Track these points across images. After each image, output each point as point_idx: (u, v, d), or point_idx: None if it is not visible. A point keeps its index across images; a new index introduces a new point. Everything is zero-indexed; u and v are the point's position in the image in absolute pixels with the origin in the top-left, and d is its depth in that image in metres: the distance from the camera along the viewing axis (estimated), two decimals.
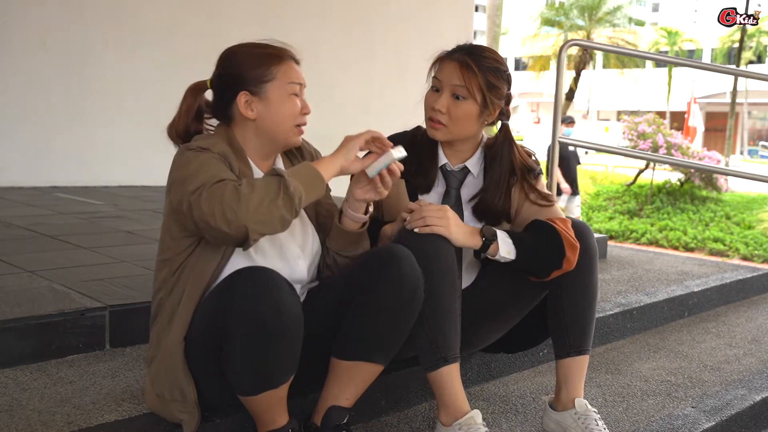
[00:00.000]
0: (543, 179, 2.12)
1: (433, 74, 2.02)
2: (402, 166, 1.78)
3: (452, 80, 1.97)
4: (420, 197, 2.06)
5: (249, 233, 1.53)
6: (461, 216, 2.01)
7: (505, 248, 1.89)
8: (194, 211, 1.55)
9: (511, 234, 1.93)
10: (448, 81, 1.97)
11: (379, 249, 1.76)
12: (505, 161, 2.04)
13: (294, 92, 1.76)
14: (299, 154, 1.93)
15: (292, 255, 1.77)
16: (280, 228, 1.58)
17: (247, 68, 1.74)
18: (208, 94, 1.85)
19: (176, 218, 1.67)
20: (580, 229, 1.99)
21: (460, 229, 1.86)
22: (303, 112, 1.78)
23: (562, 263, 1.91)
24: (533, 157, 2.12)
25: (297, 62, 1.81)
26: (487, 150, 2.09)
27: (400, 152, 1.75)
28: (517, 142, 2.11)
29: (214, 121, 1.85)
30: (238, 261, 1.68)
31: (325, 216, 1.92)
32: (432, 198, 2.06)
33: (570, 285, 1.98)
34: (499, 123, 2.09)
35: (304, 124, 1.80)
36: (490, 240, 1.88)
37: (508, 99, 2.05)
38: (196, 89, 1.83)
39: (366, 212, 1.84)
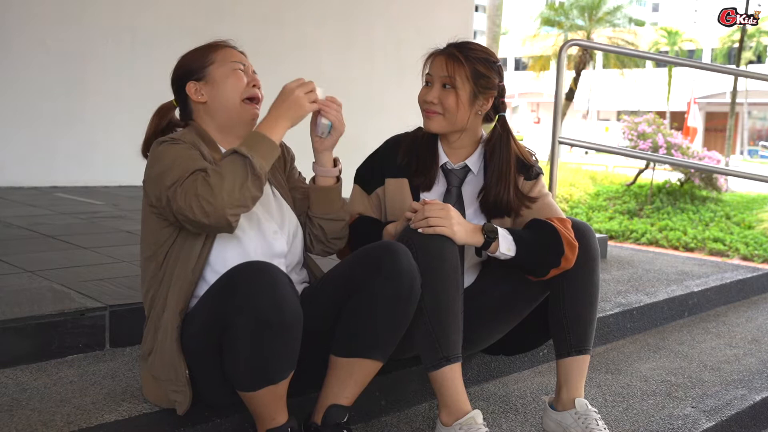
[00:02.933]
0: (543, 179, 2.12)
1: (426, 71, 2.05)
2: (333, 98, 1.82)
3: (441, 72, 2.00)
4: (422, 195, 2.06)
5: (229, 219, 1.59)
6: (463, 214, 2.01)
7: (505, 245, 1.90)
8: (173, 205, 1.62)
9: (512, 231, 1.93)
10: (438, 74, 2.01)
11: (375, 245, 1.77)
12: (505, 152, 2.05)
13: (237, 68, 1.82)
14: None
15: (269, 231, 1.81)
16: (252, 205, 1.66)
17: (189, 63, 1.85)
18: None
19: (155, 211, 1.72)
20: (581, 229, 1.99)
21: (462, 228, 1.86)
22: (251, 85, 1.83)
23: (560, 261, 1.91)
24: (534, 157, 2.12)
25: (241, 52, 1.88)
26: (486, 146, 2.10)
27: (323, 92, 1.80)
28: (519, 142, 2.11)
29: None
30: (222, 240, 1.73)
31: (301, 200, 1.98)
32: (433, 197, 2.06)
33: (571, 285, 1.98)
34: (497, 117, 2.09)
35: (256, 97, 1.84)
36: (491, 237, 1.89)
37: (502, 91, 2.07)
38: (162, 110, 1.91)
39: (335, 165, 1.91)
